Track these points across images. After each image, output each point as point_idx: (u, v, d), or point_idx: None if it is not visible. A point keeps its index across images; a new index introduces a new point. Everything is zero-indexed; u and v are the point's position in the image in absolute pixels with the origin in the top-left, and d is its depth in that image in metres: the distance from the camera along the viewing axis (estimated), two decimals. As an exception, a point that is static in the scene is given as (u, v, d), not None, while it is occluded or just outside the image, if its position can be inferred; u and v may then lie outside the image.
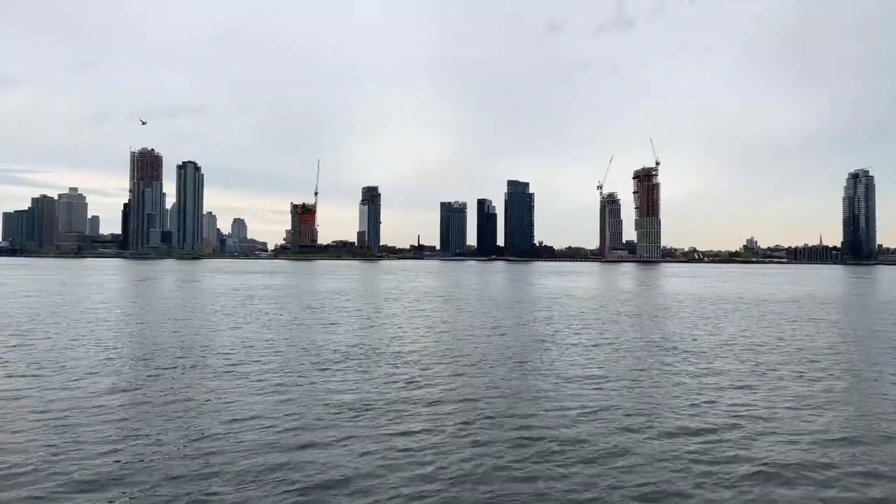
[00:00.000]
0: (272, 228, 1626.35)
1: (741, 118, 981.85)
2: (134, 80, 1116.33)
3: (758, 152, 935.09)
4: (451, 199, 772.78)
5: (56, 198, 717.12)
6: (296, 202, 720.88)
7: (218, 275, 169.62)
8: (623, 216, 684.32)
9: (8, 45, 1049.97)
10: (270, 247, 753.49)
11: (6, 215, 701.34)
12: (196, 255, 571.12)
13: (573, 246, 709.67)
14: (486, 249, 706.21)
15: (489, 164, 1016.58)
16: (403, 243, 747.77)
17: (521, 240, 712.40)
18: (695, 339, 41.27)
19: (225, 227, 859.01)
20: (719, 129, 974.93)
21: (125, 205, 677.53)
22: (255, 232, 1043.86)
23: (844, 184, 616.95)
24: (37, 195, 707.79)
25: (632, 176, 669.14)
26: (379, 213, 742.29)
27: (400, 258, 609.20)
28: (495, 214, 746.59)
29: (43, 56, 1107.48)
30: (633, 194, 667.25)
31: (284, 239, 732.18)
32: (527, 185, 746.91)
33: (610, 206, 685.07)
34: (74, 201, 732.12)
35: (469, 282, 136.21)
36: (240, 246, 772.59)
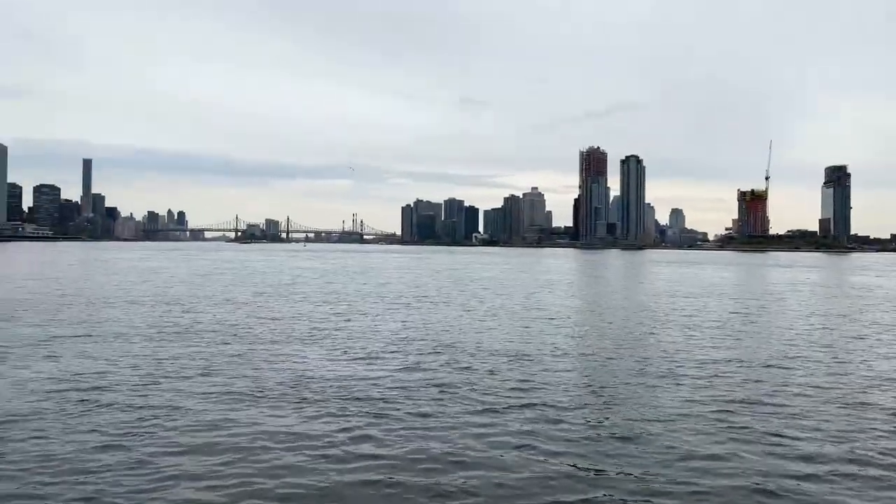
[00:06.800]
0: (709, 217, 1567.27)
1: None
2: (575, 88, 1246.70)
3: None
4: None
5: (521, 196, 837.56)
6: (742, 188, 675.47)
7: (682, 266, 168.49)
8: None
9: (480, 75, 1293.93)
10: (710, 237, 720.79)
11: (486, 212, 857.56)
12: (639, 246, 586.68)
13: None
14: None
15: None
16: (880, 233, 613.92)
17: None
18: None
19: (662, 217, 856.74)
20: None
21: (575, 200, 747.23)
22: (692, 222, 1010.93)
23: None
24: (507, 195, 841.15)
25: None
26: (848, 198, 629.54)
27: (879, 250, 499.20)
28: None
29: (505, 79, 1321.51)
30: None
31: (728, 228, 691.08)
32: None
33: None
34: (535, 199, 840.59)
35: None
36: (679, 236, 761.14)
